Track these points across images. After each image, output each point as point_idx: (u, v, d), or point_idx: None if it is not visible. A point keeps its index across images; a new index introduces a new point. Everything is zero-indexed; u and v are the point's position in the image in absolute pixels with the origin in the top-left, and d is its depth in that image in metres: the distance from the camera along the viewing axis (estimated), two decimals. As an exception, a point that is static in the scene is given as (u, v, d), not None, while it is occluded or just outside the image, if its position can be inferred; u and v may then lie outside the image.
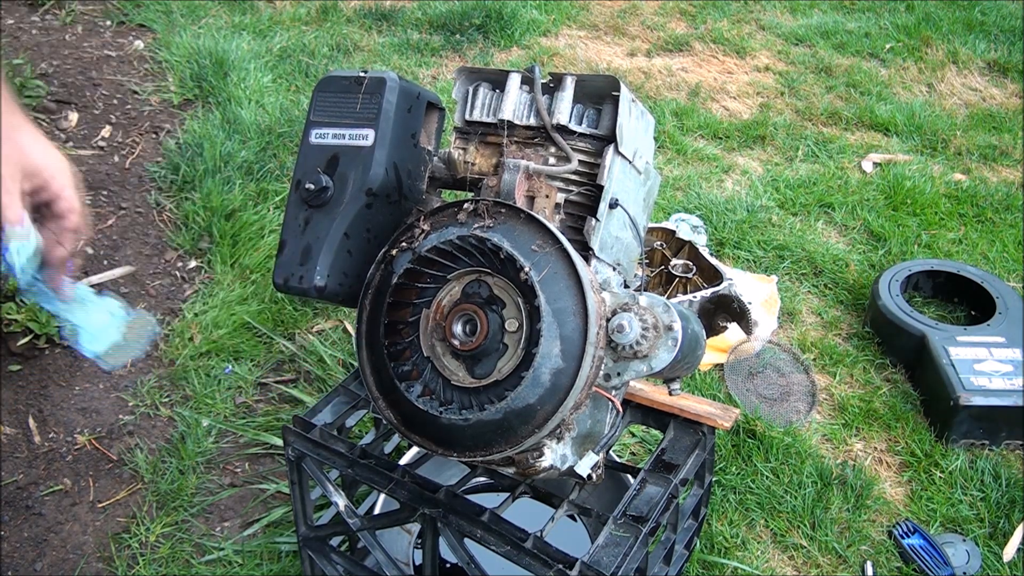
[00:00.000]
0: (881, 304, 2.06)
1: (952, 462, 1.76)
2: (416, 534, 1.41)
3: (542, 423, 0.84)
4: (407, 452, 1.51)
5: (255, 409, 1.88)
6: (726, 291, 1.99)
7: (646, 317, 0.88)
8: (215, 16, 3.57)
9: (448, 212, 0.93)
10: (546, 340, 0.83)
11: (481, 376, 0.87)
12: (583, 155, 1.00)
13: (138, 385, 1.92)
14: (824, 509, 1.65)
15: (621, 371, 0.90)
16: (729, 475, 1.70)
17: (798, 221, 2.51)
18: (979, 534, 1.63)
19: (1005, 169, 2.83)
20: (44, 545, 1.59)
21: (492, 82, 1.05)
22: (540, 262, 0.85)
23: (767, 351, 2.04)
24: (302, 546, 1.29)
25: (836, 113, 3.09)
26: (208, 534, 1.61)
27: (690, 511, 1.32)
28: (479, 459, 0.88)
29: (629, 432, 1.80)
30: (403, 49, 3.39)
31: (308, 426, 1.19)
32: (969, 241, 2.45)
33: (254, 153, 2.59)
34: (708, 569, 1.54)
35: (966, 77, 3.39)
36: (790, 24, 3.76)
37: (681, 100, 3.14)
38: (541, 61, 3.36)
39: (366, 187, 0.94)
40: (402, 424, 0.91)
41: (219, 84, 2.93)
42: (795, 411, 1.91)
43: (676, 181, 2.65)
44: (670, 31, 3.66)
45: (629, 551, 1.00)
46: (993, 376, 1.83)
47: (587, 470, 0.97)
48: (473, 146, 1.05)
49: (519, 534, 1.00)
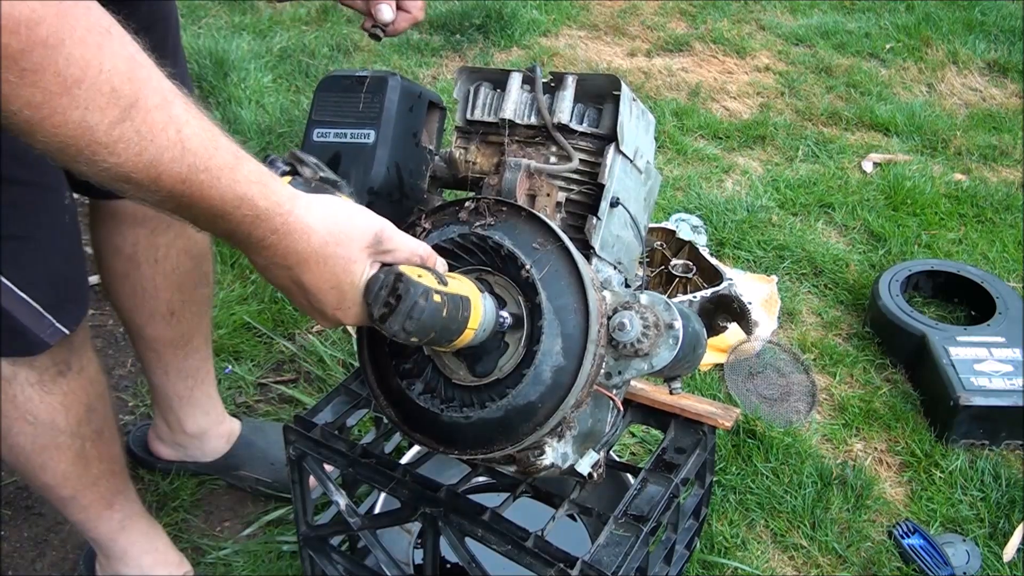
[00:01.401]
0: (881, 304, 2.06)
1: (952, 462, 1.76)
2: (417, 533, 1.41)
3: (543, 421, 0.84)
4: (408, 451, 1.51)
5: (255, 409, 1.88)
6: (726, 291, 1.99)
7: (647, 315, 0.88)
8: (215, 16, 3.57)
9: (449, 211, 0.93)
10: (547, 338, 0.83)
11: (482, 374, 0.87)
12: (584, 154, 1.00)
13: (138, 385, 1.92)
14: (824, 509, 1.65)
15: (622, 369, 0.90)
16: (729, 475, 1.70)
17: (798, 221, 2.51)
18: (979, 534, 1.63)
19: (1005, 169, 2.83)
20: (44, 545, 1.59)
21: (493, 82, 1.05)
22: (541, 260, 0.85)
23: (767, 351, 2.04)
24: (302, 546, 1.29)
25: (836, 113, 3.09)
26: (208, 534, 1.61)
27: (691, 511, 1.32)
28: (480, 457, 0.88)
29: (629, 432, 1.80)
30: (403, 49, 3.39)
31: (309, 425, 1.19)
32: (969, 241, 2.45)
33: (254, 153, 2.58)
34: (708, 569, 1.54)
35: (966, 77, 3.39)
36: (790, 24, 3.76)
37: (681, 100, 3.14)
38: (541, 61, 3.36)
39: (368, 186, 0.94)
40: (403, 422, 0.91)
41: (219, 84, 2.93)
42: (795, 411, 1.91)
43: (676, 181, 2.65)
44: (670, 31, 3.66)
45: (630, 550, 1.00)
46: (993, 376, 1.83)
47: (588, 469, 0.97)
48: (474, 145, 1.05)
49: (520, 533, 1.00)
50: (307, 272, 0.71)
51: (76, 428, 1.23)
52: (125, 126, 0.57)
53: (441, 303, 0.74)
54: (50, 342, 1.12)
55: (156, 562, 1.43)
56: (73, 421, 1.23)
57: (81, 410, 1.23)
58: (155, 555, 1.43)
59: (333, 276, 0.72)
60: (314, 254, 0.70)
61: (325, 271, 0.72)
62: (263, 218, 0.67)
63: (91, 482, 1.30)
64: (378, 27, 1.13)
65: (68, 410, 1.21)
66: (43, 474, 1.25)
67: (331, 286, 0.73)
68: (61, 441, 1.23)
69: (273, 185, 0.68)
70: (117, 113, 0.56)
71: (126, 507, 1.38)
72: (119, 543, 1.39)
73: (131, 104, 0.57)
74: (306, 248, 0.70)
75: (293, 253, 0.70)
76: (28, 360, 1.15)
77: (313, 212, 0.70)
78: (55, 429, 1.21)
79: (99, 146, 0.57)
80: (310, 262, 0.71)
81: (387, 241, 0.75)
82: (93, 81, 0.55)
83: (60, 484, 1.27)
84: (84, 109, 0.55)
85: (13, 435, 1.19)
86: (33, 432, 1.20)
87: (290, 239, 0.69)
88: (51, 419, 1.20)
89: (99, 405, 1.27)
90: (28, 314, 1.08)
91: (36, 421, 1.19)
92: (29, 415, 1.18)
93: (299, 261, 0.70)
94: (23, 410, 1.18)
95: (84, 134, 0.56)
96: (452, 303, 0.76)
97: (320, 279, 0.72)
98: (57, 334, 1.12)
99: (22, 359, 1.14)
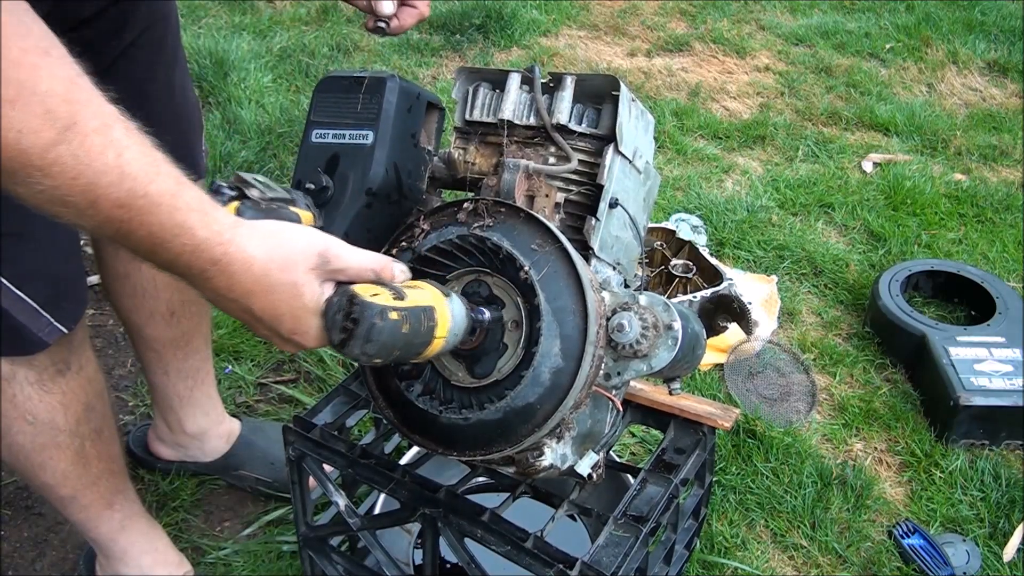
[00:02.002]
0: (881, 304, 2.06)
1: (952, 462, 1.76)
2: (416, 534, 1.41)
3: (542, 422, 0.84)
4: (407, 452, 1.51)
5: (255, 409, 1.88)
6: (726, 291, 1.99)
7: (646, 316, 0.88)
8: (215, 16, 3.57)
9: (448, 212, 0.93)
10: (546, 339, 0.83)
11: (481, 375, 0.87)
12: (583, 154, 1.00)
13: (138, 385, 1.92)
14: (824, 509, 1.65)
15: (621, 370, 0.90)
16: (729, 475, 1.70)
17: (798, 221, 2.51)
18: (979, 534, 1.63)
19: (1005, 169, 2.83)
20: (44, 545, 1.59)
21: (492, 82, 1.05)
22: (540, 261, 0.85)
23: (767, 351, 2.04)
24: (302, 546, 1.29)
25: (836, 113, 3.09)
26: (208, 534, 1.61)
27: (690, 511, 1.32)
28: (479, 458, 0.88)
29: (629, 432, 1.80)
30: (403, 49, 3.39)
31: (308, 426, 1.19)
32: (969, 241, 2.45)
33: (254, 153, 2.59)
34: (708, 569, 1.54)
35: (966, 77, 3.39)
36: (790, 24, 3.76)
37: (681, 100, 3.14)
38: (541, 61, 3.36)
39: (366, 187, 0.94)
40: (402, 423, 0.91)
41: (219, 84, 2.93)
42: (795, 411, 1.91)
43: (676, 181, 2.65)
44: (670, 31, 3.66)
45: (629, 551, 1.00)
46: (993, 376, 1.83)
47: (587, 469, 0.97)
48: (473, 146, 1.05)
49: (519, 534, 1.00)
50: (256, 302, 0.70)
51: (75, 427, 1.24)
52: (61, 149, 0.56)
53: (399, 320, 0.71)
54: (48, 341, 1.12)
55: (156, 562, 1.43)
56: (72, 420, 1.23)
57: (80, 409, 1.23)
58: (155, 555, 1.43)
59: (283, 303, 0.71)
60: (258, 284, 0.69)
61: (273, 299, 0.70)
62: (202, 248, 0.65)
63: (91, 481, 1.30)
64: (382, 22, 1.11)
65: (67, 409, 1.21)
66: (43, 473, 1.25)
67: (283, 313, 0.71)
68: (60, 440, 1.23)
69: (214, 214, 0.66)
70: (53, 135, 0.56)
71: (126, 507, 1.38)
72: (119, 543, 1.39)
73: (67, 127, 0.56)
74: (249, 278, 0.68)
75: (237, 284, 0.68)
76: (27, 359, 1.15)
77: (254, 240, 0.69)
78: (54, 428, 1.21)
79: (34, 168, 0.56)
80: (256, 292, 0.69)
81: (335, 260, 0.73)
82: (27, 102, 0.54)
83: (60, 483, 1.27)
84: (18, 131, 0.54)
85: (12, 434, 1.19)
86: (32, 431, 1.20)
87: (232, 270, 0.67)
88: (50, 418, 1.20)
89: (98, 404, 1.27)
90: (26, 312, 1.08)
91: (35, 420, 1.19)
92: (28, 414, 1.18)
93: (245, 292, 0.69)
94: (22, 409, 1.18)
95: (18, 156, 0.55)
96: (412, 317, 0.73)
97: (271, 307, 0.70)
98: (55, 333, 1.12)
99: (21, 358, 1.14)
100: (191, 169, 1.44)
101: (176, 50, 1.31)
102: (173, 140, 1.30)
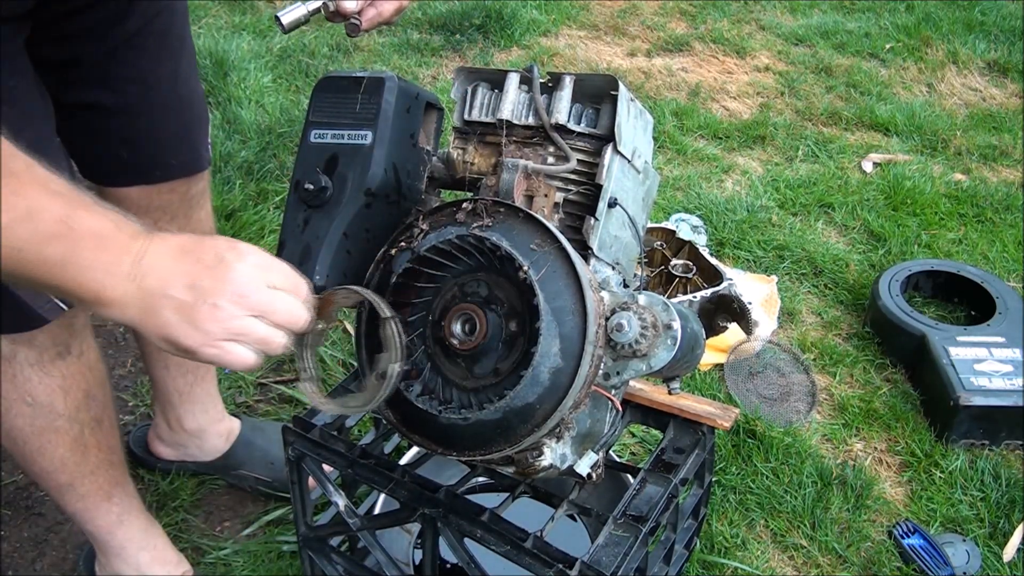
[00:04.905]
0: (881, 304, 2.06)
1: (952, 462, 1.76)
2: (416, 534, 1.41)
3: (541, 422, 0.84)
4: (407, 452, 1.51)
5: (255, 409, 1.88)
6: (726, 291, 1.99)
7: (645, 316, 0.88)
8: (215, 16, 3.57)
9: (447, 212, 0.93)
10: (545, 339, 0.83)
11: (480, 375, 0.87)
12: (582, 154, 1.00)
13: (138, 385, 1.92)
14: (824, 509, 1.65)
15: (620, 370, 0.90)
16: (729, 475, 1.70)
17: (798, 221, 2.51)
18: (979, 534, 1.63)
19: (1005, 169, 2.83)
20: (44, 545, 1.59)
21: (491, 82, 1.05)
22: (539, 261, 0.85)
23: (767, 351, 2.04)
24: (302, 546, 1.30)
25: (836, 113, 3.09)
26: (208, 534, 1.61)
27: (690, 511, 1.32)
28: (479, 458, 0.88)
29: (629, 432, 1.80)
30: (403, 49, 3.39)
31: (308, 426, 1.19)
32: (969, 241, 2.45)
33: (254, 153, 2.59)
34: (708, 569, 1.54)
35: (966, 77, 3.39)
36: (790, 24, 3.76)
37: (681, 100, 3.14)
38: (541, 61, 3.36)
39: (365, 187, 0.94)
40: (402, 423, 0.91)
41: (219, 84, 2.93)
42: (795, 411, 1.91)
43: (676, 181, 2.65)
44: (670, 31, 3.66)
45: (629, 551, 1.00)
46: (993, 376, 1.83)
47: (587, 469, 0.97)
48: (472, 146, 1.05)
49: (519, 534, 1.00)
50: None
51: (75, 413, 1.23)
52: None
53: None
54: (48, 318, 1.12)
55: (154, 560, 1.43)
56: (72, 405, 1.23)
57: (80, 395, 1.23)
58: (153, 552, 1.43)
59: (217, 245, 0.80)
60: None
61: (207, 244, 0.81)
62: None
63: (89, 470, 1.30)
64: (353, 21, 1.12)
65: (67, 393, 1.21)
66: (41, 458, 1.25)
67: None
68: (59, 425, 1.23)
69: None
70: None
71: (124, 501, 1.37)
72: (116, 537, 1.39)
73: None
74: None
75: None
76: (28, 339, 1.14)
77: None
78: (53, 412, 1.21)
79: None
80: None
81: None
82: None
83: (58, 469, 1.27)
84: None
85: (12, 416, 1.19)
86: (31, 414, 1.20)
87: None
88: (50, 401, 1.20)
89: (98, 393, 1.27)
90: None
91: (35, 402, 1.19)
92: (28, 396, 1.18)
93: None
94: (22, 391, 1.18)
95: None
96: None
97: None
98: (55, 310, 1.12)
99: (21, 337, 1.14)
100: (194, 161, 1.42)
101: (183, 40, 1.31)
102: (176, 129, 1.30)
